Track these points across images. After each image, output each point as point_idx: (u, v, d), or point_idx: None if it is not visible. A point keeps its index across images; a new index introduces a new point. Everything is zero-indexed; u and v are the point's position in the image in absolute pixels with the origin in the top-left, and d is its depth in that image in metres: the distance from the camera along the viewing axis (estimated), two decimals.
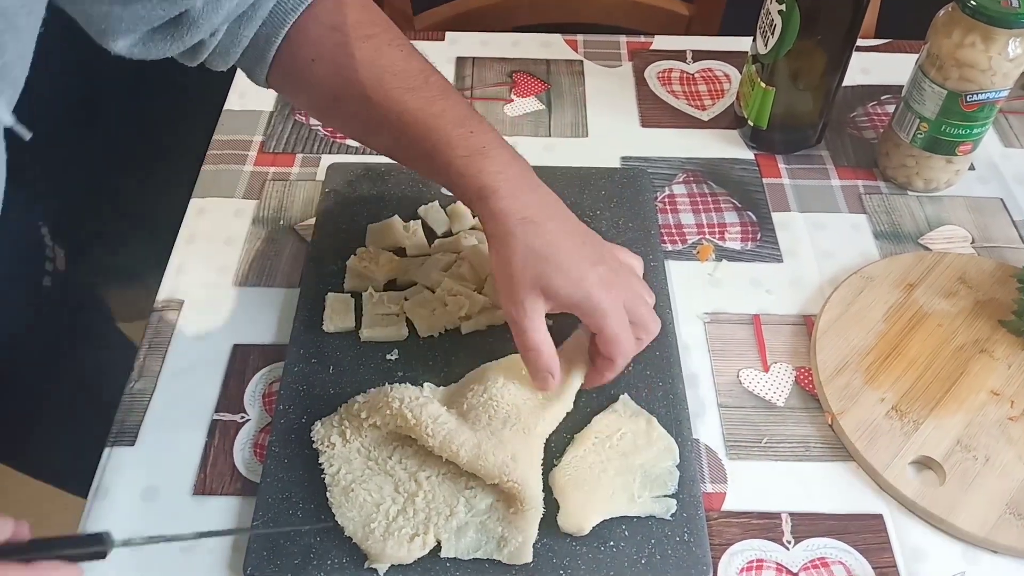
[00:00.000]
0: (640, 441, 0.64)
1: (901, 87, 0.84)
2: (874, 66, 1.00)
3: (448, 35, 1.04)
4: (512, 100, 0.96)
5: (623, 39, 1.04)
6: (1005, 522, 0.61)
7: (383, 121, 0.64)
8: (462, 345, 0.70)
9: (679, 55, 1.02)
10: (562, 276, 0.59)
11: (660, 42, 1.04)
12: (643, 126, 0.93)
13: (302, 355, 0.69)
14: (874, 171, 0.89)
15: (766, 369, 0.72)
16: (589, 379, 0.64)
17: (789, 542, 0.62)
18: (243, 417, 0.68)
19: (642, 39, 1.04)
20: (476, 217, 0.63)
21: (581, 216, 0.65)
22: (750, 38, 0.87)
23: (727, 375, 0.71)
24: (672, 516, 0.60)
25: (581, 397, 0.66)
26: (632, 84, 0.98)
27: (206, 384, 0.70)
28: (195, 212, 0.84)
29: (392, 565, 0.58)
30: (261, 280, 0.78)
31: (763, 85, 0.85)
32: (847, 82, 0.87)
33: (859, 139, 0.92)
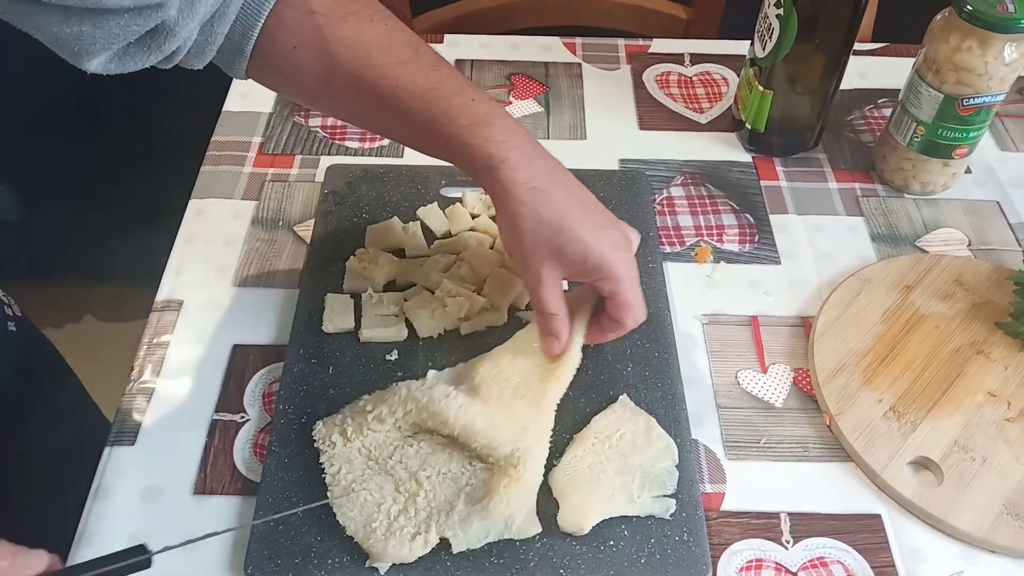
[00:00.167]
0: (639, 441, 0.64)
1: (898, 91, 0.85)
2: (871, 70, 1.01)
3: (447, 37, 1.04)
4: (511, 102, 0.96)
5: (621, 42, 1.04)
6: (1002, 522, 0.62)
7: (376, 99, 0.61)
8: (462, 346, 0.70)
9: (677, 58, 1.02)
10: (576, 244, 0.59)
11: (658, 45, 1.04)
12: (641, 129, 0.94)
13: (302, 355, 0.69)
14: (871, 174, 0.89)
15: (764, 370, 0.72)
16: (591, 335, 0.65)
17: (788, 542, 0.62)
18: (243, 417, 0.68)
19: (640, 42, 1.04)
20: (481, 187, 0.63)
21: None
22: (748, 42, 0.87)
23: (726, 376, 0.72)
24: (671, 516, 0.61)
25: (581, 397, 0.66)
26: (630, 87, 0.98)
27: (206, 384, 0.70)
28: (194, 213, 0.84)
29: (393, 564, 0.58)
30: (260, 281, 0.78)
31: (761, 88, 0.85)
32: (844, 86, 0.87)
33: (856, 142, 0.93)
